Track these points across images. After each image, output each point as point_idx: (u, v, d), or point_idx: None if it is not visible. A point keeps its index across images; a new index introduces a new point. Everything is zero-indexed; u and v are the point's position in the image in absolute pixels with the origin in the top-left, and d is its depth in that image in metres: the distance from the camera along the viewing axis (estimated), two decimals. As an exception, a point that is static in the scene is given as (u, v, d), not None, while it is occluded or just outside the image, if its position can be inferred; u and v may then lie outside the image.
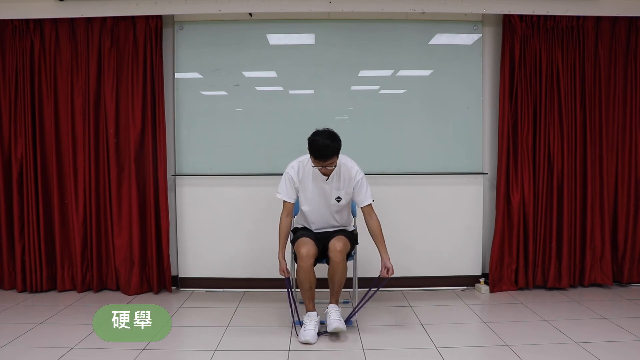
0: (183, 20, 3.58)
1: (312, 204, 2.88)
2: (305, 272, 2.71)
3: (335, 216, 2.92)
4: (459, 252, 3.69)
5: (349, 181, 2.83)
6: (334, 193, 2.84)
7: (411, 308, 3.25)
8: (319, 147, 2.65)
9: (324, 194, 2.85)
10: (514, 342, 2.63)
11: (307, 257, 2.70)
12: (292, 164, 2.88)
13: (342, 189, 2.84)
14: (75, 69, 3.54)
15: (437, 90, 3.64)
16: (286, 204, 2.88)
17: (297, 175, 2.85)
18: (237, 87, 3.61)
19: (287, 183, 2.86)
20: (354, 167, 2.85)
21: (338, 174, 2.83)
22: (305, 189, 2.86)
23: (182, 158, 3.65)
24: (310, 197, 2.87)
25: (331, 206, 2.88)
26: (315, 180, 2.84)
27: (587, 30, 3.54)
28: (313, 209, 2.90)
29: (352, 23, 3.57)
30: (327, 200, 2.86)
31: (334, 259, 2.71)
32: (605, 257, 3.61)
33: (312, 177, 2.84)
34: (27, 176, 3.55)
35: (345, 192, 2.85)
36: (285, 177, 2.86)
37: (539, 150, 3.56)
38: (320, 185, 2.84)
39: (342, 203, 2.87)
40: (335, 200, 2.85)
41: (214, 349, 2.60)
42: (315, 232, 2.93)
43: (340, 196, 2.85)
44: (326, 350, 2.61)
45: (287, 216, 2.88)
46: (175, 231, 3.68)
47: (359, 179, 2.83)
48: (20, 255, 3.61)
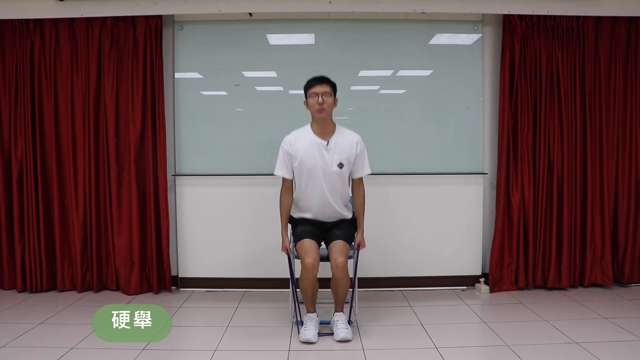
0: (183, 20, 3.58)
1: (311, 177, 2.77)
2: (309, 282, 2.70)
3: (334, 191, 2.79)
4: (459, 252, 3.69)
5: (349, 147, 2.78)
6: (335, 159, 2.77)
7: (411, 308, 3.25)
8: (314, 76, 2.77)
9: (323, 161, 2.76)
10: (514, 342, 2.63)
11: (311, 269, 2.66)
12: (287, 138, 2.83)
13: (344, 153, 2.77)
14: (75, 69, 3.54)
15: (437, 90, 3.64)
16: (285, 180, 2.85)
17: (293, 148, 2.78)
18: (237, 87, 3.61)
19: (283, 159, 2.82)
20: (353, 133, 2.84)
21: (336, 142, 2.77)
22: (303, 161, 2.76)
23: (182, 158, 3.65)
24: (308, 168, 2.76)
25: (331, 175, 2.76)
26: (314, 149, 2.77)
27: (587, 30, 3.54)
28: (311, 184, 2.77)
29: (352, 23, 3.57)
30: (327, 168, 2.76)
31: (337, 275, 2.70)
32: (605, 257, 3.61)
33: (310, 145, 2.77)
34: (27, 176, 3.55)
35: (347, 158, 2.78)
36: (280, 153, 2.83)
37: (539, 150, 3.56)
38: (320, 153, 2.76)
39: (344, 170, 2.78)
40: (337, 167, 2.76)
41: (214, 349, 2.60)
42: (314, 224, 2.84)
43: (342, 162, 2.77)
44: (326, 350, 2.61)
45: (286, 192, 2.86)
46: (175, 231, 3.68)
47: (362, 147, 2.82)
48: (20, 255, 3.61)
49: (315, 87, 2.73)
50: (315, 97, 2.73)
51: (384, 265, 3.66)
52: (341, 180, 2.81)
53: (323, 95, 2.72)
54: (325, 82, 2.75)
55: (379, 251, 3.61)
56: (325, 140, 2.77)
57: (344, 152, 2.78)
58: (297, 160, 2.78)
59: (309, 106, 2.78)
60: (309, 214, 2.86)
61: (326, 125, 2.79)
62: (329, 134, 2.79)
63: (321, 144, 2.77)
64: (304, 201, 2.85)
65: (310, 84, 2.77)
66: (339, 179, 2.80)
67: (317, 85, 2.73)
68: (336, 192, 2.81)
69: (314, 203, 2.82)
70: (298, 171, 2.81)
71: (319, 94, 2.72)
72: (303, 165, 2.77)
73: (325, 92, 2.72)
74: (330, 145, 2.77)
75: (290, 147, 2.80)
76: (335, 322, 2.77)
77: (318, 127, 2.79)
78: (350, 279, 2.78)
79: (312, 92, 2.74)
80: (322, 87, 2.73)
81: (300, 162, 2.77)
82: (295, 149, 2.78)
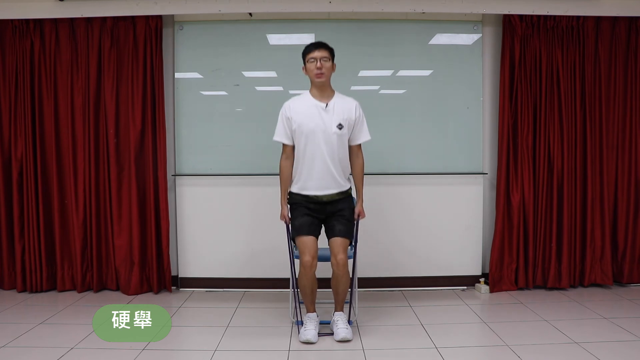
0: (183, 20, 3.59)
1: (310, 139, 2.71)
2: (308, 279, 2.70)
3: (334, 155, 2.73)
4: (459, 252, 3.69)
5: (348, 111, 2.77)
6: (334, 120, 2.73)
7: (411, 308, 3.25)
8: (311, 42, 2.78)
9: (322, 122, 2.72)
10: (514, 342, 2.63)
11: (310, 267, 2.67)
12: (286, 103, 2.82)
13: (344, 115, 2.75)
14: (75, 69, 3.54)
15: (437, 90, 3.64)
16: (285, 146, 2.83)
17: (291, 111, 2.76)
18: (237, 87, 3.61)
19: (282, 124, 2.80)
20: (352, 99, 2.83)
21: (335, 104, 2.76)
22: (302, 123, 2.73)
23: (182, 158, 3.65)
24: (307, 130, 2.72)
25: (331, 137, 2.71)
26: (313, 111, 2.74)
27: (587, 30, 3.54)
28: (311, 147, 2.72)
29: (352, 23, 3.57)
30: (326, 130, 2.72)
31: (338, 273, 2.71)
32: (605, 257, 3.61)
33: (309, 107, 2.75)
34: (27, 176, 3.55)
35: (347, 120, 2.75)
36: (280, 119, 2.81)
37: (539, 150, 3.56)
38: (319, 115, 2.73)
39: (343, 132, 2.75)
40: (336, 128, 2.72)
41: (214, 349, 2.60)
42: (313, 209, 2.78)
43: (342, 123, 2.74)
44: (326, 350, 2.61)
45: (286, 159, 2.83)
46: (175, 231, 3.68)
47: (360, 112, 2.81)
48: (20, 255, 3.60)
49: (313, 52, 2.73)
50: (313, 62, 2.72)
51: (384, 265, 3.66)
52: (341, 144, 2.76)
53: (321, 59, 2.71)
54: (323, 47, 2.74)
55: (379, 251, 3.62)
56: (324, 103, 2.76)
57: (343, 114, 2.76)
58: (295, 123, 2.75)
59: (308, 71, 2.77)
60: (309, 184, 2.76)
61: (325, 90, 2.78)
62: (327, 98, 2.78)
63: (320, 106, 2.75)
64: (303, 167, 2.76)
65: (308, 49, 2.76)
66: (338, 141, 2.74)
67: (315, 50, 2.72)
68: (335, 158, 2.74)
69: (313, 169, 2.74)
70: (297, 135, 2.76)
71: (317, 59, 2.71)
72: (302, 127, 2.73)
73: (324, 56, 2.72)
74: (329, 107, 2.76)
75: (288, 111, 2.78)
76: (335, 322, 2.77)
77: (317, 92, 2.78)
78: (350, 278, 2.78)
79: (311, 57, 2.73)
80: (320, 52, 2.72)
81: (299, 125, 2.74)
82: (293, 112, 2.76)
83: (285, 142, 2.81)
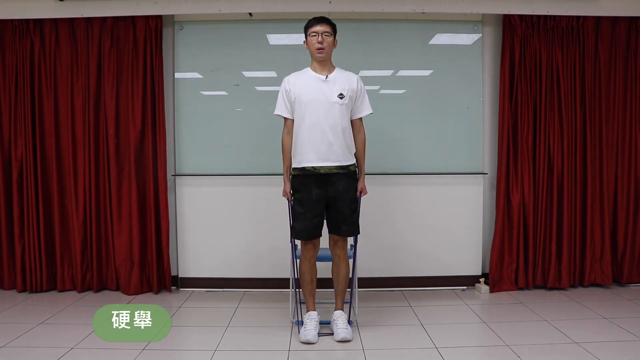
0: (183, 20, 3.59)
1: (310, 110, 2.68)
2: (308, 266, 2.78)
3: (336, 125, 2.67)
4: (459, 252, 3.69)
5: (349, 83, 2.74)
6: (335, 90, 2.69)
7: (411, 308, 3.25)
8: (314, 17, 2.74)
9: (322, 93, 2.69)
10: (514, 342, 2.64)
11: (310, 258, 2.77)
12: (286, 77, 2.80)
13: (345, 85, 2.71)
14: (75, 69, 3.54)
15: (437, 90, 3.63)
16: (286, 120, 2.81)
17: (291, 84, 2.74)
18: (237, 87, 3.61)
19: (282, 98, 2.78)
20: (353, 74, 2.82)
21: (336, 76, 2.74)
22: (302, 94, 2.70)
23: (182, 158, 3.65)
24: (307, 101, 2.68)
25: (332, 106, 2.67)
26: (313, 83, 2.72)
27: (587, 30, 3.54)
28: (312, 119, 2.67)
29: (352, 23, 3.56)
30: (327, 99, 2.68)
31: (338, 263, 2.81)
32: (605, 257, 3.61)
33: (309, 80, 2.73)
34: (27, 176, 3.55)
35: (348, 90, 2.71)
36: (280, 93, 2.80)
37: (539, 150, 3.56)
38: (319, 86, 2.70)
39: (345, 101, 2.69)
40: (337, 98, 2.68)
41: (214, 349, 2.60)
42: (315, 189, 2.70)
43: (343, 92, 2.71)
44: (326, 350, 2.61)
45: (287, 134, 2.80)
46: (175, 231, 3.68)
47: (362, 85, 2.80)
48: (20, 255, 3.60)
49: (315, 27, 2.71)
50: (315, 37, 2.71)
51: (384, 265, 3.66)
52: (342, 115, 2.70)
53: (323, 34, 2.70)
54: (326, 22, 2.72)
55: (379, 251, 3.62)
56: (324, 75, 2.74)
57: (344, 84, 2.73)
58: (295, 94, 2.72)
59: (309, 45, 2.75)
60: (307, 156, 2.69)
61: (325, 65, 2.77)
62: (328, 71, 2.76)
63: (320, 78, 2.73)
64: (303, 138, 2.70)
65: (310, 24, 2.74)
66: (339, 112, 2.69)
67: (317, 25, 2.71)
68: (338, 129, 2.68)
69: (312, 139, 2.68)
70: (297, 106, 2.72)
71: (319, 33, 2.70)
72: (301, 97, 2.70)
73: (326, 31, 2.70)
74: (330, 79, 2.73)
75: (288, 84, 2.76)
76: (335, 322, 2.77)
77: (318, 66, 2.76)
78: (349, 266, 2.83)
79: (312, 32, 2.72)
80: (322, 26, 2.70)
81: (298, 95, 2.71)
82: (292, 84, 2.75)
83: (286, 115, 2.79)
